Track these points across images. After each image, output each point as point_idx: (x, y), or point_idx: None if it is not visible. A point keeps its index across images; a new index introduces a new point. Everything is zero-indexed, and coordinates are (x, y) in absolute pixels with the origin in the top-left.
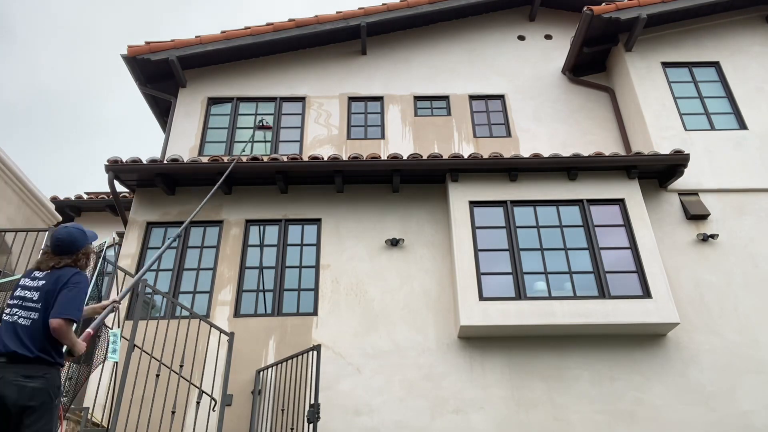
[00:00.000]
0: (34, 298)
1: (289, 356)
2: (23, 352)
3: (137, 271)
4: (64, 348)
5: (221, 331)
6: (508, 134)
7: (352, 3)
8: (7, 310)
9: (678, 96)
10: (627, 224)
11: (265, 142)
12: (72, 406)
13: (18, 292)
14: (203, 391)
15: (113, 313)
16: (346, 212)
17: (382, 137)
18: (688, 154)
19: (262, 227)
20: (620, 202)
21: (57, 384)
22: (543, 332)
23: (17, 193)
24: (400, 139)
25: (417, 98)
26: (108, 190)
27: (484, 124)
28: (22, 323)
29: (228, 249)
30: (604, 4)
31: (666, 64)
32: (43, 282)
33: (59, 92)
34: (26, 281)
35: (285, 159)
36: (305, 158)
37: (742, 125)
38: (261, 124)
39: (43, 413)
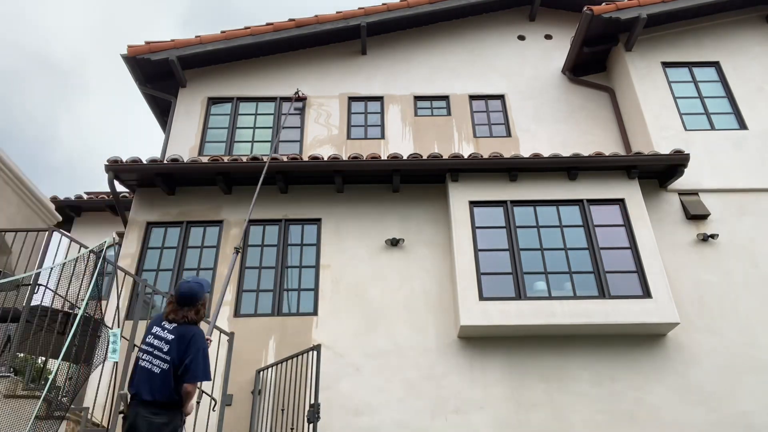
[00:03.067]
0: (164, 350)
1: (289, 356)
2: (154, 398)
3: (137, 271)
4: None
5: (221, 331)
6: (508, 134)
7: (352, 3)
8: (142, 355)
9: (678, 96)
10: (627, 224)
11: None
12: (72, 406)
13: (150, 340)
14: (203, 391)
15: (114, 314)
16: (346, 212)
17: (382, 137)
18: (688, 154)
19: (262, 227)
20: (620, 202)
21: (177, 424)
22: (543, 332)
23: (17, 193)
24: (400, 139)
25: (417, 98)
26: (108, 190)
27: (484, 124)
28: (156, 371)
29: (228, 249)
30: (604, 4)
31: (666, 64)
32: (173, 337)
33: None
34: (158, 330)
35: (285, 159)
36: (305, 158)
37: (742, 125)
38: (297, 95)
39: None
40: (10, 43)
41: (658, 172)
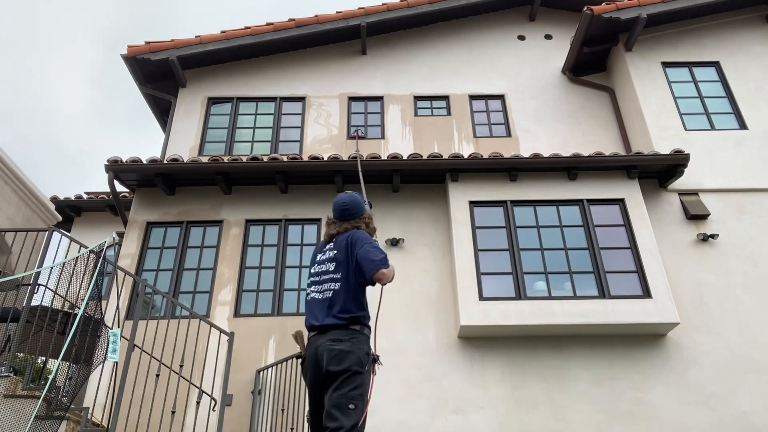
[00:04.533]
0: (331, 269)
1: (289, 356)
2: (330, 322)
3: (137, 271)
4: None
5: (221, 331)
6: (508, 134)
7: (352, 3)
8: (310, 289)
9: (678, 96)
10: (627, 224)
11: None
12: (72, 406)
13: (314, 269)
14: (203, 391)
15: (112, 314)
16: None
17: (382, 137)
18: (688, 154)
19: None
20: (620, 202)
21: (366, 349)
22: (543, 332)
23: (17, 192)
24: (400, 139)
25: (417, 98)
26: (108, 190)
27: (484, 124)
28: (326, 296)
29: (228, 249)
30: (604, 4)
31: (666, 64)
32: (335, 252)
33: None
34: (319, 256)
35: (285, 159)
36: (305, 158)
37: (742, 125)
38: (357, 134)
39: (352, 375)
40: None
41: (658, 172)
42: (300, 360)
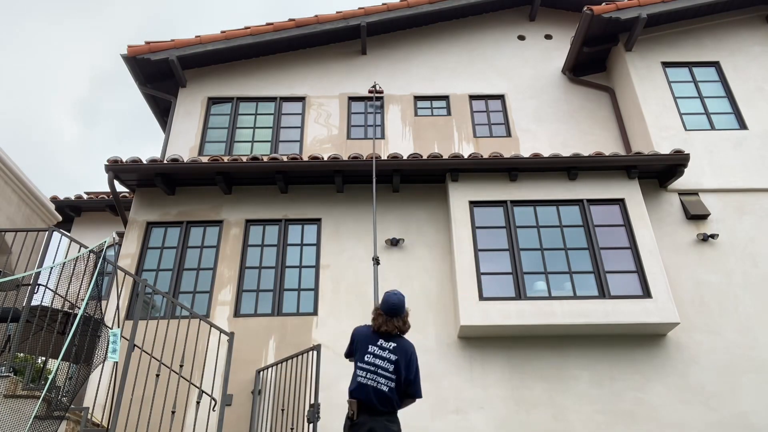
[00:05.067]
0: (390, 369)
1: (289, 356)
2: (385, 409)
3: (137, 271)
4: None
5: (221, 331)
6: (508, 134)
7: (352, 3)
8: (364, 374)
9: (678, 96)
10: (627, 224)
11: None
12: (72, 406)
13: (371, 359)
14: (203, 391)
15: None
16: (346, 212)
17: (382, 137)
18: (688, 154)
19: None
20: (620, 202)
21: (400, 428)
22: (543, 332)
23: (17, 192)
24: (400, 139)
25: (417, 98)
26: (108, 190)
27: (484, 124)
28: (384, 389)
29: (228, 249)
30: (604, 4)
31: (666, 64)
32: (396, 357)
33: None
34: (376, 350)
35: (285, 159)
36: (305, 158)
37: (742, 125)
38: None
39: None
40: None
41: (658, 172)
42: (349, 420)
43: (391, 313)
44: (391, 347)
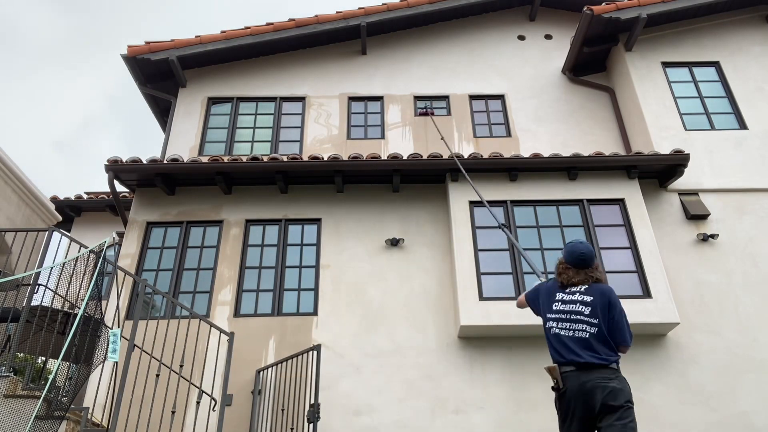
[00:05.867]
0: (586, 313)
1: (289, 356)
2: (593, 361)
3: (137, 271)
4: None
5: (221, 331)
6: (508, 134)
7: (352, 3)
8: (554, 324)
9: (678, 96)
10: (627, 224)
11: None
12: (72, 406)
13: (559, 306)
14: (203, 391)
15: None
16: (346, 212)
17: (382, 137)
18: (688, 154)
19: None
20: (620, 202)
21: (629, 388)
22: (543, 332)
23: (17, 192)
24: (400, 139)
25: (417, 98)
26: (108, 190)
27: (484, 124)
28: (580, 336)
29: (228, 249)
30: (604, 3)
31: (666, 64)
32: (590, 298)
33: None
34: (563, 296)
35: (285, 159)
36: (305, 158)
37: (742, 125)
38: (426, 110)
39: (629, 409)
40: None
41: (658, 172)
42: (557, 392)
43: (580, 264)
44: (582, 289)
